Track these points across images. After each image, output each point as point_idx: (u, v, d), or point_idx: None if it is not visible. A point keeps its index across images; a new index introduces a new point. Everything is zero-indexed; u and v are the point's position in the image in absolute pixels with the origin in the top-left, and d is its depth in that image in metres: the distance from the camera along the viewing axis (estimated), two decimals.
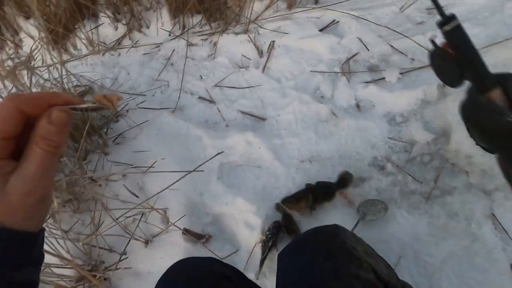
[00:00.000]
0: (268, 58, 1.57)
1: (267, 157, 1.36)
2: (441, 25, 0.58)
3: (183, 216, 1.25)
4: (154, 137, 1.49)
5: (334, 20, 1.56)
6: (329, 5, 1.58)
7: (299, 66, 1.52)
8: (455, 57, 0.57)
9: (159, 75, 1.71)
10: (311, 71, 1.48)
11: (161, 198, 1.28)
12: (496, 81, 0.53)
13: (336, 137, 1.34)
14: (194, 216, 1.30)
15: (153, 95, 1.67)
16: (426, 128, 1.25)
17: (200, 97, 1.59)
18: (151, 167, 1.32)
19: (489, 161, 1.10)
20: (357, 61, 1.46)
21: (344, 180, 1.22)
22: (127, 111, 1.63)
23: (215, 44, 1.68)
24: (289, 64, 1.54)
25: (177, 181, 1.18)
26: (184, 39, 1.72)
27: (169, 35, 1.79)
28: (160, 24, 1.81)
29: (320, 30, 1.55)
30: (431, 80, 1.30)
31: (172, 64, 1.73)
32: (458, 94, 1.22)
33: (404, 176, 1.21)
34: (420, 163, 1.22)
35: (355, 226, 1.15)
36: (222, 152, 1.25)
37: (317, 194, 1.20)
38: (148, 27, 1.84)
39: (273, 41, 1.58)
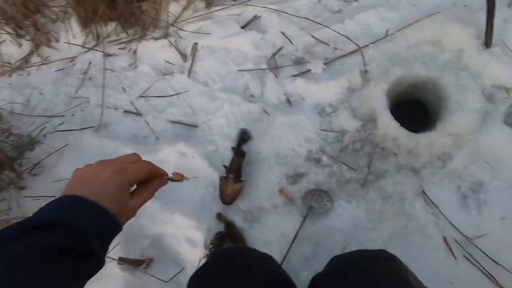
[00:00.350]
0: (192, 61, 1.50)
1: (202, 165, 1.30)
2: None
3: (116, 245, 1.15)
4: (78, 161, 1.36)
5: (255, 16, 1.53)
6: (248, 0, 1.54)
7: (226, 66, 1.47)
8: None
9: (77, 92, 1.57)
10: (238, 70, 1.44)
11: None
12: None
13: (271, 136, 1.31)
14: (131, 242, 1.21)
15: (72, 115, 1.53)
16: (354, 115, 1.27)
17: (125, 111, 1.48)
18: None
19: (413, 141, 1.15)
20: (283, 55, 1.45)
21: (241, 139, 1.26)
22: (44, 136, 1.48)
23: (134, 52, 1.57)
24: (215, 65, 1.48)
25: None
26: (99, 50, 1.59)
27: (83, 47, 1.65)
28: (71, 36, 1.65)
29: (242, 27, 1.52)
30: (353, 67, 1.32)
31: (90, 78, 1.59)
32: (379, 79, 1.25)
33: (339, 166, 1.23)
34: (353, 151, 1.24)
35: (303, 220, 1.14)
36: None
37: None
38: (57, 40, 1.68)
39: (196, 43, 1.51)
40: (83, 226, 0.42)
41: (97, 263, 0.45)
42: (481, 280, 1.00)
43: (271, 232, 1.18)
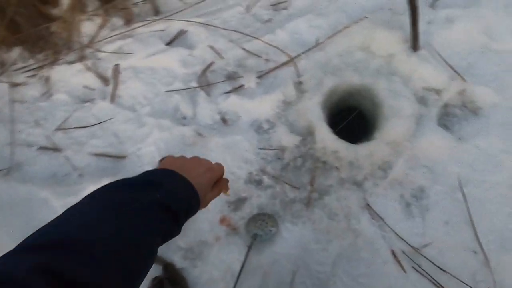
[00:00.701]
0: (115, 85, 1.36)
1: None
2: None
3: None
4: None
5: (181, 31, 1.43)
6: (171, 14, 1.44)
7: (153, 87, 1.36)
8: None
9: None
10: (166, 91, 1.33)
11: None
12: None
13: None
14: None
15: None
16: (292, 130, 1.21)
17: (40, 147, 1.31)
18: None
19: (352, 153, 1.11)
20: (214, 71, 1.36)
21: None
22: None
23: (46, 79, 1.40)
24: (141, 87, 1.36)
25: None
26: (4, 81, 1.39)
27: None
28: None
29: (168, 44, 1.41)
30: (287, 79, 1.27)
31: None
32: (314, 90, 1.21)
33: (282, 186, 1.16)
34: (294, 168, 1.18)
35: (249, 250, 1.06)
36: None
37: None
38: None
39: (117, 64, 1.38)
40: (180, 194, 0.50)
41: (177, 231, 0.51)
42: None
43: (215, 268, 1.08)
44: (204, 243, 1.12)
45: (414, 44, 1.18)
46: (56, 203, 1.18)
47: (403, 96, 1.14)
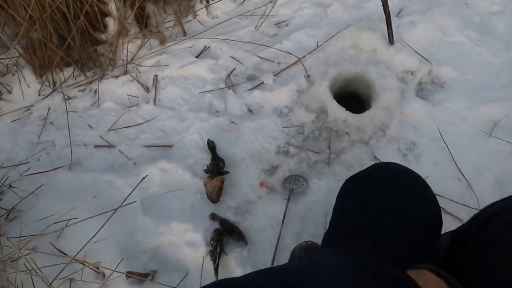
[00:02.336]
0: (155, 91, 1.70)
1: (185, 177, 1.46)
2: None
3: (121, 261, 1.22)
4: (57, 198, 1.41)
5: (205, 47, 1.82)
6: (196, 34, 1.84)
7: (188, 91, 1.71)
8: None
9: (39, 137, 1.64)
10: (199, 92, 1.69)
11: (89, 254, 1.23)
12: None
13: (242, 141, 1.55)
14: (131, 260, 1.29)
15: (38, 160, 1.58)
16: (308, 110, 1.58)
17: (96, 146, 1.59)
18: (66, 226, 1.26)
19: (358, 120, 1.49)
20: (236, 75, 1.74)
21: (210, 147, 1.51)
22: (9, 186, 1.49)
23: (95, 91, 1.72)
24: (178, 92, 1.70)
25: (100, 228, 1.18)
26: (59, 92, 1.70)
27: (39, 94, 1.74)
28: (25, 86, 1.74)
29: (196, 57, 1.79)
30: (298, 74, 1.66)
31: (51, 123, 1.67)
32: (321, 79, 1.60)
33: (305, 153, 1.50)
34: (313, 138, 1.53)
35: (288, 201, 1.36)
36: (146, 176, 1.31)
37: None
38: (10, 92, 1.74)
39: (156, 75, 1.73)
40: None
41: None
42: None
43: (262, 219, 1.37)
44: (249, 202, 1.41)
45: (390, 40, 1.63)
46: (120, 183, 1.45)
47: (388, 77, 1.56)
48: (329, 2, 1.90)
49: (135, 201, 1.31)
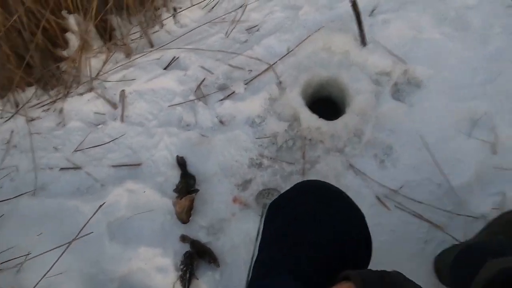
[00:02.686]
0: (123, 107, 1.64)
1: (155, 197, 1.40)
2: None
3: None
4: (20, 228, 1.35)
5: (174, 57, 1.76)
6: (164, 45, 1.78)
7: (156, 105, 1.65)
8: None
9: (1, 163, 1.57)
10: (169, 106, 1.63)
11: None
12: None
13: (214, 154, 1.49)
14: None
15: (0, 187, 1.51)
16: (280, 119, 1.53)
17: (61, 168, 1.53)
18: (25, 260, 1.19)
19: (332, 127, 1.43)
20: (207, 85, 1.68)
21: (179, 164, 1.45)
22: None
23: (60, 111, 1.65)
24: (146, 106, 1.64)
25: (56, 261, 1.12)
26: (21, 115, 1.63)
27: (1, 117, 1.67)
28: None
29: (165, 69, 1.73)
30: (269, 81, 1.61)
31: (15, 146, 1.61)
32: (293, 85, 1.55)
33: (279, 164, 1.45)
34: (287, 148, 1.48)
35: (262, 217, 1.30)
36: (104, 203, 1.25)
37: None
38: None
39: (123, 90, 1.67)
40: None
41: None
42: (413, 220, 1.27)
43: (235, 236, 1.31)
44: (222, 220, 1.36)
45: (362, 41, 1.58)
46: (85, 208, 1.38)
47: (361, 79, 1.51)
48: (301, 4, 1.85)
49: (91, 232, 1.24)
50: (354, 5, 1.49)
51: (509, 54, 1.54)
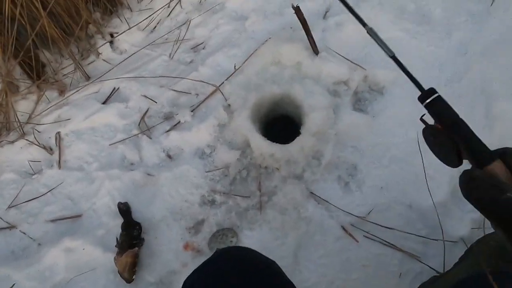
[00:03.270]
0: (59, 151, 1.49)
1: (96, 254, 1.25)
2: (421, 99, 0.57)
3: None
4: None
5: (114, 89, 1.61)
6: (101, 76, 1.63)
7: (97, 145, 1.49)
8: (445, 132, 0.55)
9: None
10: (110, 144, 1.47)
11: None
12: (494, 153, 0.51)
13: (160, 196, 1.34)
14: None
15: None
16: (231, 147, 1.38)
17: None
18: None
19: (286, 152, 1.29)
20: (151, 116, 1.53)
21: (122, 212, 1.29)
22: None
23: None
24: (85, 147, 1.49)
25: None
26: None
27: None
28: None
29: (104, 103, 1.58)
30: (217, 105, 1.46)
31: None
32: (241, 108, 1.40)
33: (233, 199, 1.30)
34: (241, 179, 1.33)
35: None
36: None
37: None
38: None
39: (58, 132, 1.52)
40: None
41: None
42: (385, 251, 1.12)
43: None
44: (172, 272, 1.21)
45: (314, 49, 1.44)
46: (18, 276, 1.23)
47: (317, 93, 1.36)
48: (247, 14, 1.71)
49: None
50: (297, 11, 1.34)
51: (476, 46, 1.40)
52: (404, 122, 1.31)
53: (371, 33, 0.68)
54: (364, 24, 0.73)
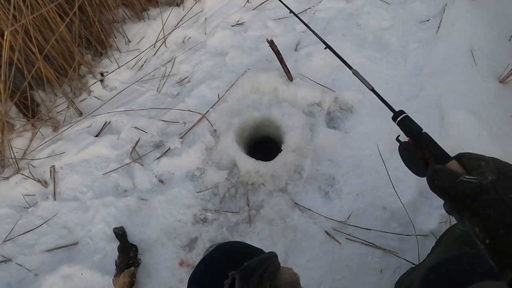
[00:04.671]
0: (54, 184, 1.55)
1: (94, 278, 1.29)
2: (394, 118, 0.72)
3: None
4: None
5: (106, 122, 1.72)
6: (93, 112, 1.74)
7: (90, 175, 1.57)
8: (413, 144, 0.68)
9: None
10: (103, 174, 1.56)
11: None
12: (450, 157, 0.64)
13: (154, 218, 1.41)
14: None
15: None
16: (219, 168, 1.49)
17: None
18: None
19: (270, 168, 1.41)
20: (142, 145, 1.64)
21: (118, 236, 1.35)
22: None
23: None
24: (79, 179, 1.56)
25: None
26: None
27: None
28: None
29: (96, 136, 1.67)
30: (204, 131, 1.59)
31: None
32: (227, 132, 1.53)
33: (224, 215, 1.39)
34: (230, 197, 1.43)
35: None
36: None
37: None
38: None
39: (53, 166, 1.59)
40: None
41: None
42: (365, 250, 1.22)
43: None
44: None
45: (288, 76, 1.61)
46: None
47: (294, 115, 1.51)
48: (227, 50, 1.89)
49: None
50: (272, 44, 1.52)
51: (427, 67, 1.61)
52: (372, 136, 1.47)
53: (356, 74, 0.87)
54: (349, 67, 0.92)
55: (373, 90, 0.86)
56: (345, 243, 1.25)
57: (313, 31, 1.12)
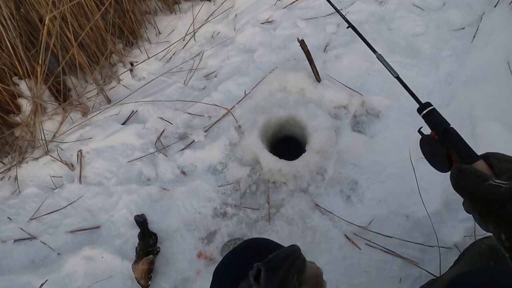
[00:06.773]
0: (80, 168, 1.59)
1: (114, 262, 1.32)
2: (419, 111, 0.68)
3: None
4: None
5: (132, 111, 1.75)
6: (121, 100, 1.77)
7: (115, 162, 1.60)
8: (439, 139, 0.64)
9: None
10: (128, 161, 1.58)
11: None
12: (478, 155, 0.60)
13: (175, 209, 1.43)
14: None
15: None
16: (242, 164, 1.49)
17: (15, 240, 1.44)
18: None
19: (293, 167, 1.40)
20: (167, 136, 1.66)
21: (139, 224, 1.38)
22: None
23: (15, 178, 1.59)
24: (105, 164, 1.60)
25: None
26: None
27: None
28: None
29: (123, 124, 1.71)
30: (228, 126, 1.59)
31: None
32: (251, 129, 1.53)
33: (244, 211, 1.39)
34: (251, 193, 1.43)
35: None
36: (46, 280, 1.16)
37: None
38: None
39: (80, 150, 1.63)
40: None
41: None
42: (385, 257, 1.20)
43: None
44: (186, 279, 1.27)
45: (316, 77, 1.60)
46: (38, 283, 1.28)
47: (319, 116, 1.50)
48: (255, 47, 1.89)
49: None
50: (302, 44, 1.51)
51: (460, 76, 1.57)
52: (398, 142, 1.45)
53: (380, 58, 0.82)
54: (374, 50, 0.87)
55: (398, 77, 0.82)
56: (364, 248, 1.23)
57: (336, 9, 1.10)
